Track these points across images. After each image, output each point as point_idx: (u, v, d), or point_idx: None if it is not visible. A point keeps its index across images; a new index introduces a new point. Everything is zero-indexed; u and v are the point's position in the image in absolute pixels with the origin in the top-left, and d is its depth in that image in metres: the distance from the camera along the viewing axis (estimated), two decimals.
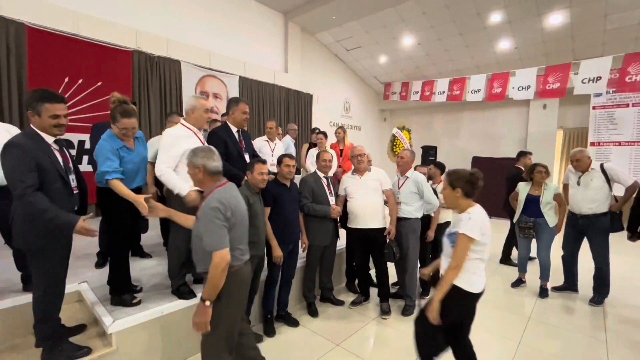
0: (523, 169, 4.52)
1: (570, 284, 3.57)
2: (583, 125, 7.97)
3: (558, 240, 3.56)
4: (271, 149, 3.79)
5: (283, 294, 2.80)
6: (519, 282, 3.75)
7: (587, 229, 3.29)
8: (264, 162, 2.37)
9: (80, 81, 4.69)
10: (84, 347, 1.90)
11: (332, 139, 6.14)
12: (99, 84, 4.83)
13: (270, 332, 2.63)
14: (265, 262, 2.61)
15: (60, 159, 1.80)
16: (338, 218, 3.07)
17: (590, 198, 3.21)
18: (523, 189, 3.62)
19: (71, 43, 4.61)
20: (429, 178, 3.49)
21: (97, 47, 4.86)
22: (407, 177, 3.10)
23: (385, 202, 3.06)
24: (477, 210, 1.78)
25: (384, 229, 2.97)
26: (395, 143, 7.96)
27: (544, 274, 3.50)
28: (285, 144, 4.61)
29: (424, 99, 8.39)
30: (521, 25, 6.86)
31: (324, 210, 2.80)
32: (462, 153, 9.95)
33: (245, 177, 2.38)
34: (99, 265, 2.92)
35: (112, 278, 2.24)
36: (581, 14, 6.20)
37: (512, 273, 3.95)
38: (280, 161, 2.66)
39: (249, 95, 6.99)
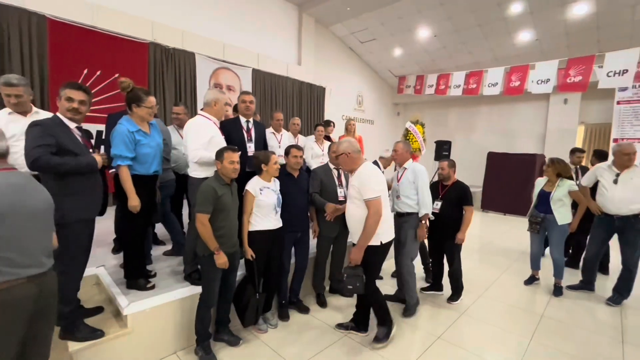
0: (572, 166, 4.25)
1: (587, 283, 3.47)
2: (606, 120, 7.68)
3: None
4: (278, 141, 3.80)
5: (296, 281, 2.86)
6: (532, 280, 3.67)
7: (624, 231, 3.13)
8: (234, 149, 2.15)
9: (98, 72, 4.81)
10: (98, 330, 1.97)
11: (339, 131, 6.12)
12: (117, 75, 4.92)
13: (284, 316, 2.73)
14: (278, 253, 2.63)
15: (81, 142, 1.91)
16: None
17: (631, 198, 3.02)
18: (539, 184, 3.54)
19: (90, 35, 4.71)
20: (443, 179, 3.21)
21: (115, 39, 4.96)
22: (405, 168, 2.93)
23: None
24: None
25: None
26: (408, 137, 7.84)
27: (558, 271, 3.41)
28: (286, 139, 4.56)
29: (439, 92, 8.23)
30: (543, 15, 6.61)
31: (322, 204, 2.77)
32: (477, 148, 9.75)
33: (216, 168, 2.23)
34: (116, 250, 3.02)
35: (126, 263, 2.31)
36: (608, 3, 5.92)
37: (525, 270, 3.88)
38: (287, 152, 2.69)
39: (262, 88, 7.01)
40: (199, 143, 2.35)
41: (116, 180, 2.25)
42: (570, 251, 4.25)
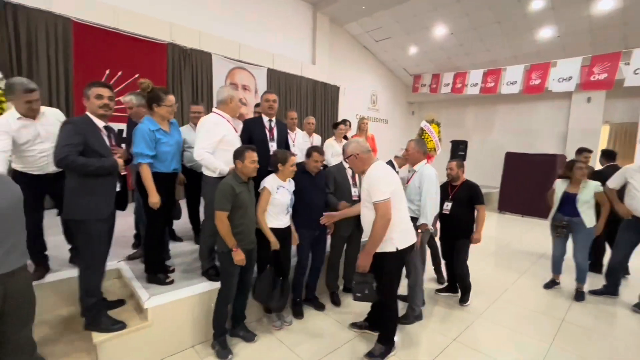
0: None
1: (611, 288, 3.35)
2: (632, 119, 7.38)
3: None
4: (292, 140, 3.83)
5: (312, 279, 2.88)
6: (552, 284, 3.56)
7: None
8: (254, 148, 2.18)
9: (119, 73, 4.96)
10: (120, 321, 2.04)
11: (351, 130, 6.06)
12: (137, 75, 5.06)
13: (298, 313, 2.75)
14: (295, 249, 2.66)
15: (107, 143, 1.99)
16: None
17: None
18: (560, 186, 3.42)
19: (112, 36, 4.87)
20: (452, 180, 3.11)
21: (135, 40, 5.10)
22: (415, 171, 2.79)
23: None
24: None
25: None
26: (423, 137, 7.74)
27: (581, 276, 3.30)
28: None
29: (455, 91, 8.09)
30: (566, 11, 6.40)
31: (335, 204, 2.77)
32: (494, 148, 9.54)
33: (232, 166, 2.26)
34: (135, 245, 3.11)
35: (146, 258, 2.38)
36: None
37: (544, 274, 3.77)
38: (309, 154, 2.67)
39: (277, 87, 7.06)
40: (207, 142, 2.35)
41: (137, 177, 2.32)
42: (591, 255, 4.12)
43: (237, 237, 2.11)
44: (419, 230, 2.63)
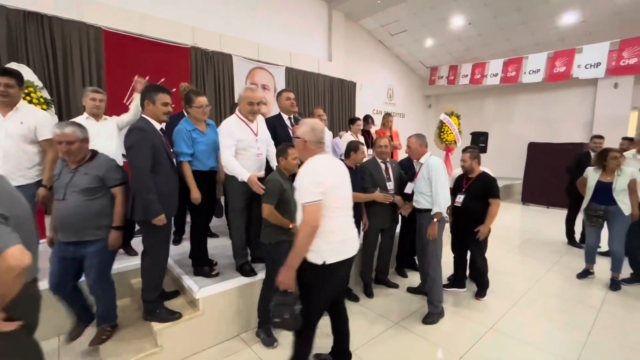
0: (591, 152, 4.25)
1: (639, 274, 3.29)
2: None
3: None
4: None
5: None
6: (585, 273, 3.52)
7: None
8: (294, 146, 2.15)
9: (147, 77, 5.12)
10: (177, 312, 2.18)
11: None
12: (163, 79, 5.24)
13: None
14: None
15: (166, 144, 2.15)
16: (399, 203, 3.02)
17: None
18: (592, 175, 3.36)
19: (139, 43, 5.06)
20: (466, 172, 3.01)
21: (160, 45, 5.28)
22: (422, 164, 2.73)
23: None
24: None
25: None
26: (443, 130, 7.67)
27: (616, 265, 3.25)
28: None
29: (474, 82, 7.97)
30: None
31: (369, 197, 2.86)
32: (516, 139, 9.36)
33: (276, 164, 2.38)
34: (176, 242, 3.27)
35: (194, 251, 2.52)
36: None
37: (575, 264, 3.73)
38: (357, 148, 2.89)
39: (295, 86, 7.14)
40: (224, 145, 2.38)
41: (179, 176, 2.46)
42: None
43: (278, 230, 2.20)
44: (435, 220, 2.60)
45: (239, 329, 2.43)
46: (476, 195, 2.91)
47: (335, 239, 1.68)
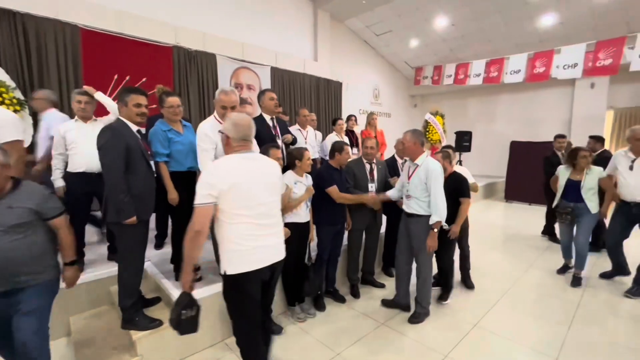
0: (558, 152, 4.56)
1: (619, 268, 3.39)
2: (637, 104, 7.38)
3: None
4: (304, 137, 3.87)
5: (331, 271, 2.96)
6: (565, 269, 3.62)
7: None
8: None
9: (127, 77, 4.98)
10: (157, 319, 2.12)
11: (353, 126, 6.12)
12: (144, 79, 5.10)
13: (320, 306, 2.83)
14: (315, 242, 2.75)
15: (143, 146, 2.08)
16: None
17: None
18: (563, 173, 3.44)
19: (118, 42, 4.91)
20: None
21: (141, 44, 5.14)
22: (417, 165, 2.50)
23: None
24: None
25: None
26: (428, 129, 7.78)
27: (580, 262, 3.32)
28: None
29: (458, 82, 8.10)
30: None
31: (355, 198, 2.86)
32: (499, 138, 9.56)
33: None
34: (158, 246, 3.19)
35: (176, 256, 2.45)
36: None
37: (556, 259, 3.83)
38: (341, 149, 2.80)
39: (280, 85, 7.10)
40: (201, 149, 2.23)
41: (156, 179, 2.39)
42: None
43: None
44: (434, 229, 2.45)
45: (223, 334, 2.38)
46: (448, 195, 2.72)
47: (235, 247, 1.54)
